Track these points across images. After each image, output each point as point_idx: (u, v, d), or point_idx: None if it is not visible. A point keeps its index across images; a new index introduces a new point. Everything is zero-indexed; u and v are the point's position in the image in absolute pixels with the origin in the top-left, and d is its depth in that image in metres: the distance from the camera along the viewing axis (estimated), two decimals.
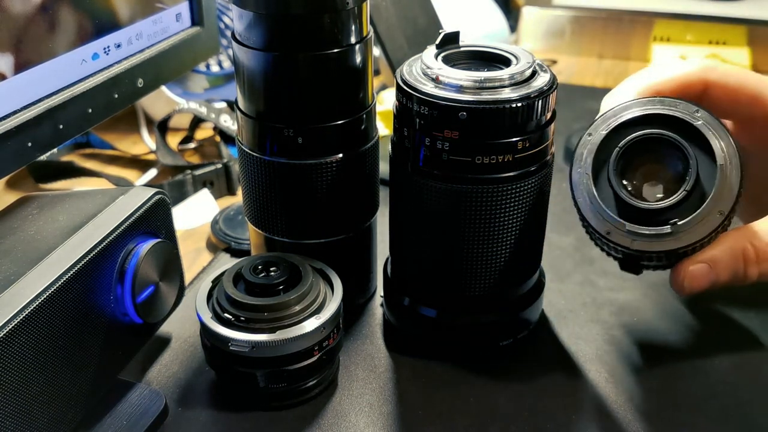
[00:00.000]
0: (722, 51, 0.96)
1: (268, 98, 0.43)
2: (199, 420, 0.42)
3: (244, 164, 0.45)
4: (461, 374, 0.45)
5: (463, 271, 0.42)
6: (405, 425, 0.42)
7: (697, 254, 0.40)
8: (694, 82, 0.42)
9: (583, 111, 0.83)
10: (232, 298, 0.40)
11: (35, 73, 0.41)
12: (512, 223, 0.41)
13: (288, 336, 0.40)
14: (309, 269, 0.42)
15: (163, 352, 0.47)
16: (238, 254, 0.57)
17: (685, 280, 0.41)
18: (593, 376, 0.45)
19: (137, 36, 0.49)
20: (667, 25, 0.99)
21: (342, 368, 0.46)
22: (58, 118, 0.42)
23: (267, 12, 0.40)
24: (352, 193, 0.46)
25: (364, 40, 0.43)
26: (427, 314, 0.45)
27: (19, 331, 0.33)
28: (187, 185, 0.66)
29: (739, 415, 0.42)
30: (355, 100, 0.44)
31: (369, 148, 0.46)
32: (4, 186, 0.70)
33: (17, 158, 0.40)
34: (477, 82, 0.38)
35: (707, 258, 0.40)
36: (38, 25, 0.41)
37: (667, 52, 0.98)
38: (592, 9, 1.02)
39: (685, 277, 0.40)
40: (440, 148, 0.39)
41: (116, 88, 0.47)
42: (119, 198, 0.41)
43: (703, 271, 0.40)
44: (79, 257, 0.36)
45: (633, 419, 0.42)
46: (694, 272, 0.40)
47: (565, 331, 0.48)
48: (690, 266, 0.40)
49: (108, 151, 0.76)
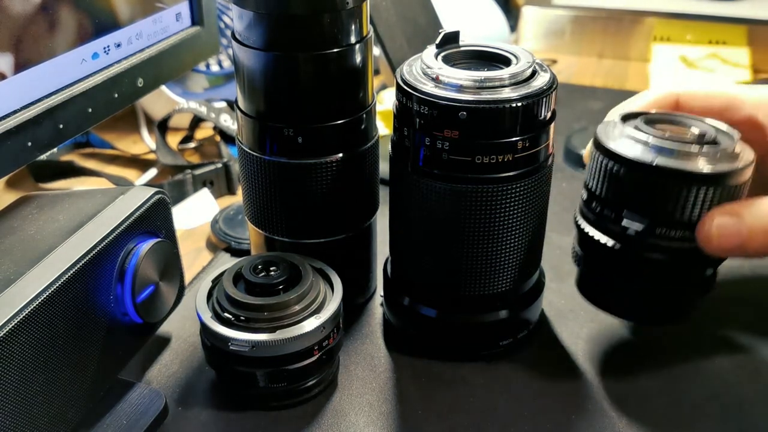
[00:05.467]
0: (722, 51, 0.96)
1: (268, 98, 0.43)
2: (199, 420, 0.42)
3: (244, 164, 0.45)
4: (461, 374, 0.45)
5: (463, 271, 0.42)
6: (405, 425, 0.42)
7: (723, 205, 0.38)
8: (666, 99, 0.44)
9: (583, 111, 0.83)
10: (232, 298, 0.40)
11: (35, 72, 0.41)
12: (512, 223, 0.41)
13: (288, 335, 0.40)
14: (309, 269, 0.42)
15: (163, 352, 0.47)
16: (238, 254, 0.57)
17: (713, 227, 0.37)
18: (593, 376, 0.45)
19: (137, 35, 0.49)
20: (667, 25, 0.99)
21: (342, 368, 0.46)
22: (58, 117, 0.42)
23: (267, 12, 0.40)
24: (352, 193, 0.46)
25: (364, 40, 0.43)
26: (427, 314, 0.45)
27: (19, 330, 0.33)
28: (187, 185, 0.66)
29: (739, 415, 0.42)
30: (355, 100, 0.44)
31: (369, 148, 0.46)
32: (4, 186, 0.70)
33: (17, 158, 0.40)
34: (477, 81, 0.38)
35: (735, 210, 0.37)
36: (38, 24, 0.41)
37: (667, 52, 0.98)
38: (592, 9, 1.02)
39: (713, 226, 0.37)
40: (440, 147, 0.39)
41: (116, 88, 0.47)
42: (119, 198, 0.41)
43: (732, 222, 0.37)
44: (79, 257, 0.36)
45: (633, 419, 0.42)
46: (720, 223, 0.37)
47: (565, 331, 0.48)
48: (718, 215, 0.37)
49: (108, 151, 0.76)
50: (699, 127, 0.41)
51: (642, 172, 0.38)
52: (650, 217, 0.38)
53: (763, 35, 0.96)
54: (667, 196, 0.38)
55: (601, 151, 0.40)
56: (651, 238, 0.39)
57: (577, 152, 0.69)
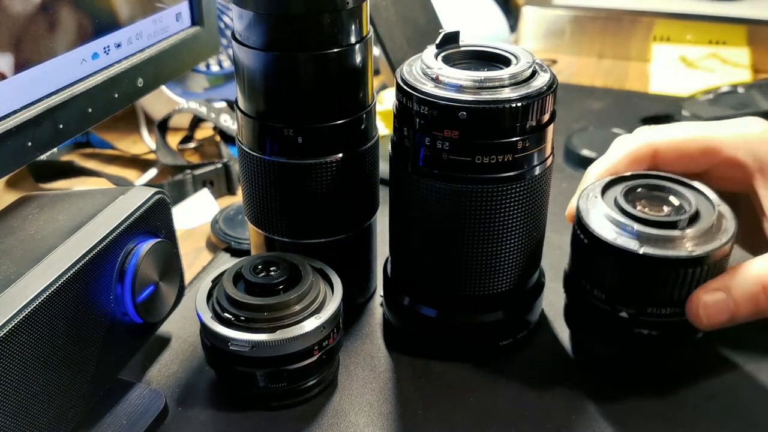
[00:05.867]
0: (722, 51, 0.96)
1: (268, 98, 0.43)
2: (199, 420, 0.42)
3: (244, 164, 0.45)
4: (461, 374, 0.45)
5: (463, 271, 0.42)
6: (405, 425, 0.42)
7: (709, 282, 0.39)
8: (643, 150, 0.44)
9: (583, 111, 0.83)
10: (232, 298, 0.40)
11: (35, 72, 0.41)
12: (512, 223, 0.41)
13: (288, 336, 0.40)
14: (309, 269, 0.42)
15: (163, 352, 0.47)
16: (238, 254, 0.57)
17: (700, 308, 0.38)
18: (593, 377, 0.45)
19: (137, 35, 0.49)
20: (667, 25, 0.99)
21: (342, 368, 0.46)
22: (58, 117, 0.42)
23: (267, 12, 0.40)
24: (352, 193, 0.46)
25: (364, 40, 0.43)
26: (427, 314, 0.45)
27: (20, 330, 0.33)
28: (187, 185, 0.66)
29: (739, 415, 0.42)
30: (355, 100, 0.44)
31: (369, 148, 0.46)
32: (4, 186, 0.70)
33: (17, 158, 0.40)
34: (477, 81, 0.38)
35: (720, 285, 0.38)
36: (38, 24, 0.41)
37: (667, 52, 0.98)
38: (592, 9, 1.02)
39: (699, 306, 0.38)
40: (440, 147, 0.39)
41: (116, 88, 0.47)
42: (119, 198, 0.41)
43: (718, 299, 0.38)
44: (79, 257, 0.36)
45: (633, 419, 0.42)
46: (708, 302, 0.38)
47: (565, 331, 0.48)
48: (704, 295, 0.38)
49: (108, 151, 0.76)
50: (679, 197, 0.41)
51: (629, 260, 0.38)
52: (641, 302, 0.39)
53: (763, 35, 0.96)
54: (656, 281, 0.38)
55: (583, 232, 0.40)
56: (642, 316, 0.40)
57: (577, 152, 0.69)
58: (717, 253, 0.38)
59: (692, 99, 0.79)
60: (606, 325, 0.41)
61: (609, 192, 0.41)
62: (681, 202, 0.41)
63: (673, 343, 0.41)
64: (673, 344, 0.41)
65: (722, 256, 0.38)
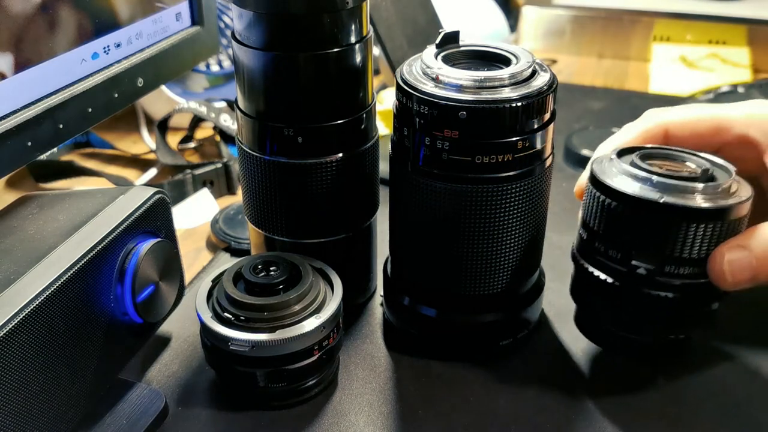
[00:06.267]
0: (722, 51, 0.96)
1: (268, 98, 0.43)
2: (199, 420, 0.42)
3: (244, 164, 0.45)
4: (461, 374, 0.45)
5: (463, 271, 0.42)
6: (405, 425, 0.42)
7: (729, 240, 0.38)
8: (654, 129, 0.43)
9: (583, 111, 0.83)
10: (232, 298, 0.40)
11: (35, 72, 0.41)
12: (512, 223, 0.41)
13: (288, 335, 0.40)
14: (309, 269, 0.42)
15: (163, 352, 0.47)
16: (238, 254, 0.57)
17: (725, 263, 0.37)
18: (593, 376, 0.45)
19: (137, 35, 0.49)
20: (667, 25, 0.99)
21: (342, 368, 0.46)
22: (57, 117, 0.42)
23: (267, 11, 0.40)
24: (352, 193, 0.46)
25: (364, 40, 0.43)
26: (427, 314, 0.45)
27: (20, 330, 0.33)
28: (187, 185, 0.66)
29: (739, 415, 0.42)
30: (355, 100, 0.44)
31: (369, 148, 0.46)
32: (4, 185, 0.70)
33: (17, 158, 0.40)
34: (477, 81, 0.38)
35: (742, 242, 0.38)
36: (38, 24, 0.41)
37: (667, 52, 0.98)
38: (592, 9, 1.02)
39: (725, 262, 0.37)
40: (440, 147, 0.39)
41: (116, 88, 0.47)
42: (119, 197, 0.41)
43: (742, 256, 0.37)
44: (79, 257, 0.36)
45: (633, 419, 0.42)
46: (732, 258, 0.37)
47: (565, 331, 0.48)
48: (727, 251, 0.37)
49: (108, 151, 0.76)
50: (695, 162, 0.40)
51: (649, 210, 0.37)
52: (659, 256, 0.38)
53: (763, 35, 0.96)
54: (676, 233, 0.37)
55: (601, 190, 0.39)
56: (660, 277, 0.39)
57: (577, 152, 0.69)
58: (737, 208, 0.37)
59: (692, 99, 0.79)
60: (618, 290, 0.40)
61: (624, 158, 0.40)
62: (698, 166, 0.40)
63: (691, 312, 0.40)
64: (688, 312, 0.40)
65: (741, 214, 0.38)
